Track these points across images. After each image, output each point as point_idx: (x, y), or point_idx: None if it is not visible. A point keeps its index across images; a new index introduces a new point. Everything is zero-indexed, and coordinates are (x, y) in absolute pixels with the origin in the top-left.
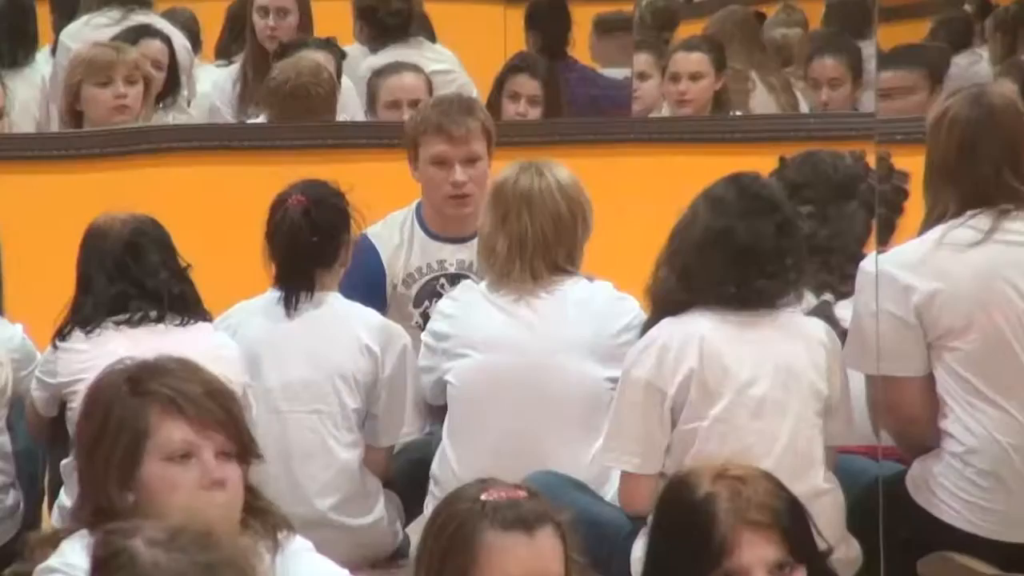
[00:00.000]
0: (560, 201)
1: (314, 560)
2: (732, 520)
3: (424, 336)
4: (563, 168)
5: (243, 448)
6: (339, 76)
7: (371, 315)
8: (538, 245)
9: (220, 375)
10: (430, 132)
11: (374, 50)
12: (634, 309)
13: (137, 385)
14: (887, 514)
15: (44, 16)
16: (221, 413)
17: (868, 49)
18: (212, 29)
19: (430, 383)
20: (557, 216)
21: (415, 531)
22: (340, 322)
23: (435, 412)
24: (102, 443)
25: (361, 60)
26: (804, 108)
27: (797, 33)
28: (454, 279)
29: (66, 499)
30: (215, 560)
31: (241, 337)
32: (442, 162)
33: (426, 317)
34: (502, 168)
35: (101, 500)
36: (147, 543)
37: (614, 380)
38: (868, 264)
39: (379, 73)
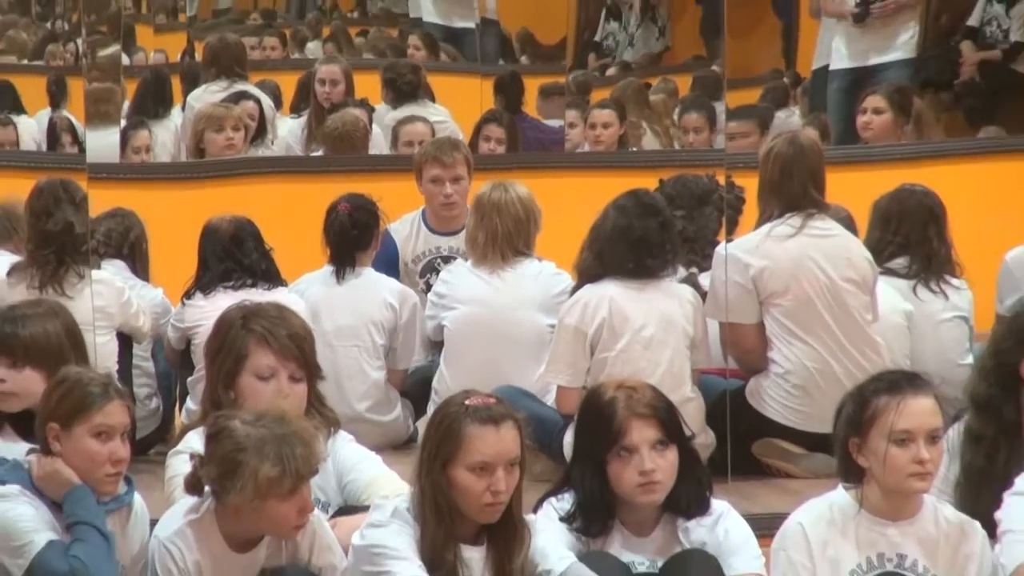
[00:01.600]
0: (519, 208)
1: (354, 446)
2: (626, 414)
3: (429, 295)
4: (521, 186)
5: (309, 372)
6: (371, 124)
7: (392, 282)
8: (505, 237)
9: None
10: (429, 161)
11: (394, 107)
12: (567, 279)
13: (246, 322)
14: (732, 414)
15: (176, 84)
16: (295, 349)
17: (719, 107)
18: (288, 93)
19: (432, 326)
20: (517, 218)
21: (422, 425)
22: (372, 287)
23: (435, 346)
24: (219, 355)
25: (386, 114)
26: (677, 146)
27: (671, 94)
28: (446, 259)
29: (191, 404)
30: (287, 432)
31: (306, 297)
32: (437, 181)
33: (428, 285)
34: (480, 186)
35: (214, 394)
36: (241, 422)
37: (552, 326)
38: (720, 249)
39: (399, 123)
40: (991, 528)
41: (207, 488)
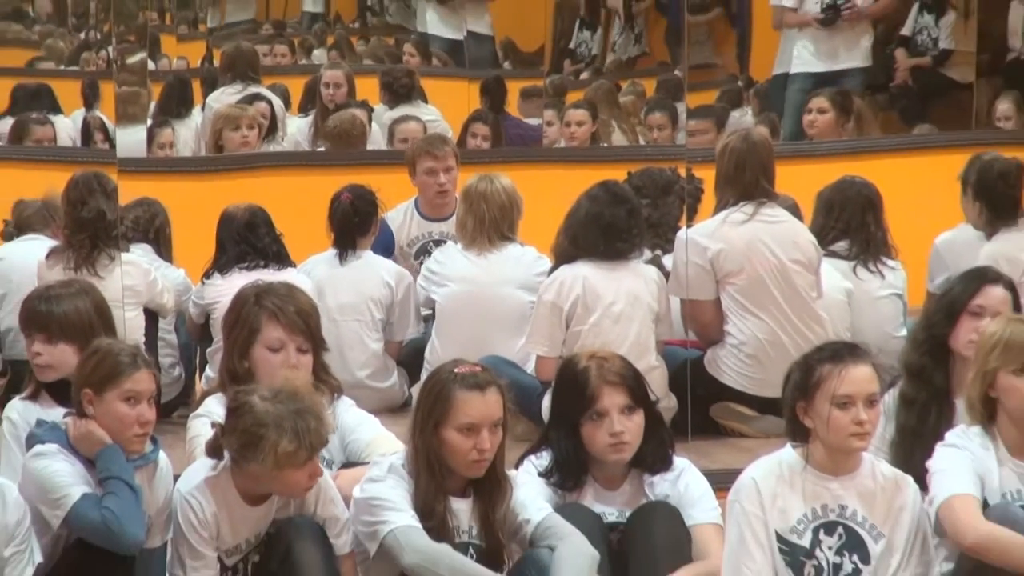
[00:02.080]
0: (504, 197)
1: (355, 409)
2: (598, 381)
3: (423, 269)
4: (505, 177)
5: (315, 344)
6: (370, 123)
7: (389, 264)
8: (492, 223)
9: None
10: (422, 154)
11: (391, 107)
12: (546, 262)
13: (259, 299)
14: (691, 380)
15: (196, 87)
16: (302, 324)
17: (681, 107)
18: (296, 95)
19: (424, 296)
20: (502, 205)
21: (415, 391)
22: (371, 268)
23: (428, 320)
24: (234, 329)
25: (383, 113)
26: (642, 142)
27: (639, 96)
28: (437, 243)
29: (210, 372)
30: (301, 407)
31: (312, 276)
32: (431, 172)
33: (421, 267)
34: (468, 178)
35: (230, 364)
36: (260, 398)
37: (532, 302)
38: (681, 234)
39: (395, 121)
40: (923, 483)
41: (225, 453)
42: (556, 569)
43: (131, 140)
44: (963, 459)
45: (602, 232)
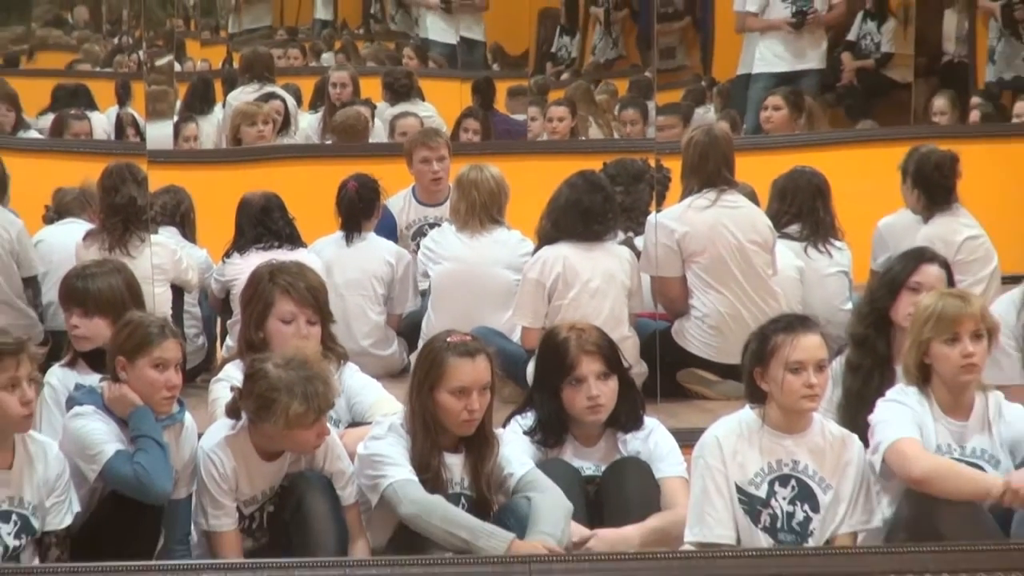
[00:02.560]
0: (493, 184)
1: (359, 374)
2: (577, 350)
3: (422, 249)
4: (494, 167)
5: (323, 316)
6: (372, 119)
7: (390, 244)
8: (482, 207)
9: None
10: (419, 146)
11: (392, 105)
12: (529, 243)
13: (273, 277)
14: (660, 349)
15: (218, 87)
16: (312, 299)
17: (651, 105)
18: (307, 94)
19: (421, 270)
20: (491, 192)
21: (413, 358)
22: (374, 248)
23: (424, 295)
24: (251, 303)
25: (385, 110)
26: (616, 135)
27: (613, 94)
28: (432, 226)
29: (229, 341)
30: (310, 374)
31: (321, 256)
32: (426, 161)
33: (419, 246)
34: (460, 167)
35: (247, 334)
36: (273, 365)
37: (518, 279)
38: (651, 218)
39: (395, 117)
40: (867, 441)
41: (242, 414)
42: (533, 518)
43: (159, 134)
44: (904, 410)
45: (580, 216)
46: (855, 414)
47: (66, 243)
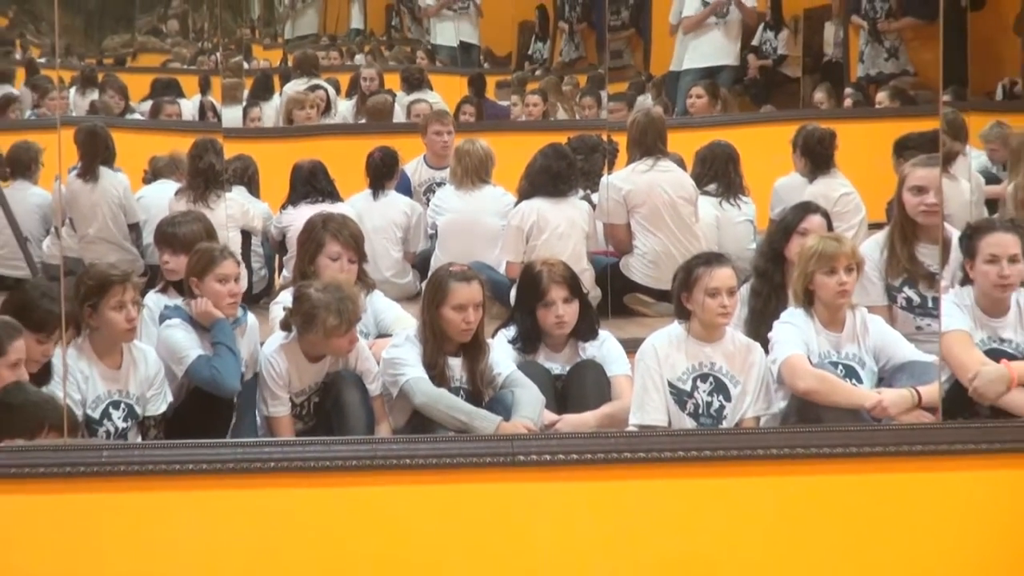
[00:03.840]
0: (482, 153)
1: (384, 298)
2: (548, 280)
3: (430, 205)
4: (484, 141)
5: (359, 256)
6: (394, 104)
7: (407, 199)
8: (474, 171)
9: None
10: (432, 121)
11: (408, 93)
12: (511, 197)
13: (324, 223)
14: (611, 279)
15: (276, 80)
16: (353, 242)
17: (604, 94)
18: (344, 85)
19: (430, 221)
20: (481, 159)
21: (424, 285)
22: (394, 202)
23: (432, 238)
24: (306, 244)
25: (403, 98)
26: (578, 117)
27: (575, 86)
28: (439, 184)
29: (285, 273)
30: (343, 295)
31: (355, 209)
32: (438, 133)
33: (428, 201)
34: (458, 141)
35: (301, 267)
36: (314, 290)
37: (503, 225)
38: (604, 179)
39: (411, 103)
40: (766, 348)
41: (293, 327)
42: (515, 406)
43: (232, 116)
44: (794, 331)
45: (550, 178)
46: (757, 327)
47: (160, 198)
